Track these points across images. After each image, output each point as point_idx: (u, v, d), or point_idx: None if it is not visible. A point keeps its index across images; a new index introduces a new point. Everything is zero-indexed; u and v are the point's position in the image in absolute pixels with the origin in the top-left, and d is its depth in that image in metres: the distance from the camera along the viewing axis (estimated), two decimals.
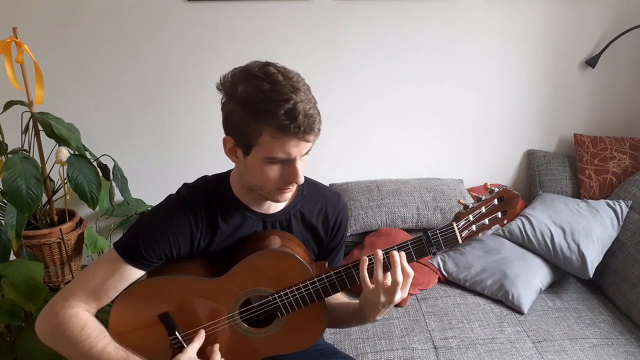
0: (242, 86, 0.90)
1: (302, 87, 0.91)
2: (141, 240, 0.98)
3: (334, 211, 1.14)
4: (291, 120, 0.87)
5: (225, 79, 0.94)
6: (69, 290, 0.99)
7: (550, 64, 2.15)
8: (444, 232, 0.97)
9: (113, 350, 0.95)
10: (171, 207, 1.02)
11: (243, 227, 1.06)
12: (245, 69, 0.93)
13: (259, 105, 0.88)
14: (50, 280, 1.82)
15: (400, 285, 0.95)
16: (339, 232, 1.17)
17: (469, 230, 0.98)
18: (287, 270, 1.01)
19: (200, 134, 2.10)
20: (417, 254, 0.99)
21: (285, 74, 0.91)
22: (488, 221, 0.99)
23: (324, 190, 1.16)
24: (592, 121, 2.24)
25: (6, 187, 1.51)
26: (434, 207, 2.03)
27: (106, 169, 1.82)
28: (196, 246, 1.03)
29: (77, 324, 0.95)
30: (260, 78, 0.89)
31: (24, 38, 1.63)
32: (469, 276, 1.82)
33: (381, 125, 2.18)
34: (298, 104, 0.88)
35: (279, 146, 0.90)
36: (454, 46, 2.09)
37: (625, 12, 2.07)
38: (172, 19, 1.96)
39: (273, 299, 1.02)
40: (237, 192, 1.05)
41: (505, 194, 0.98)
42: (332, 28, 2.03)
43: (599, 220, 1.85)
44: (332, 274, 1.00)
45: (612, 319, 1.67)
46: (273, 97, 0.87)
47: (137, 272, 1.00)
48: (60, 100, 1.96)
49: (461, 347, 1.53)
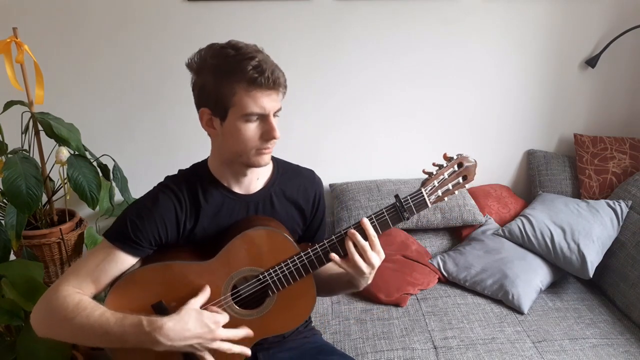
0: (210, 58, 1.00)
1: (263, 51, 1.01)
2: (129, 224, 1.02)
3: (312, 186, 1.21)
4: (259, 73, 0.96)
5: (193, 59, 1.04)
6: (61, 279, 1.02)
7: (550, 64, 2.15)
8: (414, 197, 1.06)
9: (110, 315, 0.97)
10: (155, 193, 1.09)
11: (225, 208, 1.10)
12: (210, 46, 1.03)
13: (228, 67, 0.97)
14: (50, 280, 1.81)
15: (371, 248, 1.03)
16: (319, 206, 1.23)
17: (436, 195, 1.08)
18: (275, 247, 1.05)
19: (201, 134, 2.07)
20: (392, 220, 1.06)
21: (246, 44, 1.01)
22: (451, 186, 1.09)
23: (298, 168, 1.23)
24: (592, 121, 2.25)
25: (6, 187, 1.51)
26: (433, 207, 2.03)
27: (106, 169, 1.81)
28: (182, 228, 1.07)
29: (72, 301, 0.97)
30: (225, 47, 1.00)
31: (24, 38, 1.62)
32: (469, 276, 1.82)
33: (381, 125, 2.18)
34: (262, 61, 0.97)
35: (252, 100, 0.98)
36: (454, 46, 2.09)
37: (625, 12, 2.08)
38: (172, 19, 1.96)
39: (263, 277, 1.04)
40: (215, 173, 1.11)
41: (462, 159, 1.08)
42: (332, 28, 2.03)
43: (599, 220, 1.85)
44: (317, 246, 1.05)
45: (612, 319, 1.67)
46: (240, 57, 0.97)
47: (127, 258, 1.03)
48: (60, 100, 1.95)
49: (461, 347, 1.53)
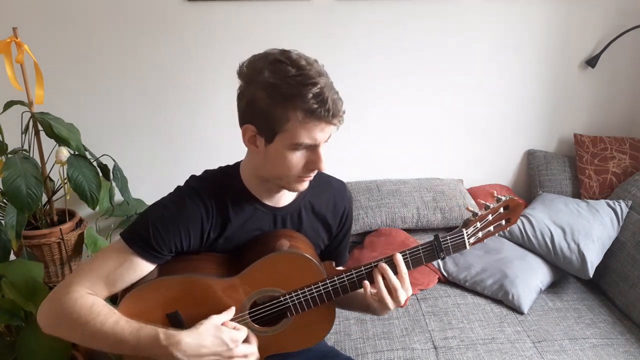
0: (267, 72, 0.88)
1: (324, 72, 0.91)
2: (151, 230, 0.94)
3: (342, 200, 1.15)
4: (320, 104, 0.86)
5: (245, 66, 0.93)
6: (73, 277, 0.95)
7: (550, 64, 2.15)
8: (453, 238, 1.00)
9: (125, 323, 0.92)
10: (182, 197, 0.99)
11: (253, 220, 1.04)
12: (266, 55, 0.91)
13: (287, 90, 0.87)
14: (50, 280, 1.81)
15: (401, 285, 0.98)
16: (347, 221, 1.17)
17: (476, 237, 1.01)
18: (300, 271, 1.01)
19: (201, 134, 2.09)
20: (426, 258, 1.01)
21: (306, 59, 0.90)
22: (493, 228, 1.02)
23: (329, 179, 1.16)
24: (592, 121, 2.25)
25: (6, 187, 1.51)
26: (434, 207, 2.03)
27: (106, 169, 1.81)
28: (206, 238, 1.01)
29: (85, 304, 0.91)
30: (285, 63, 0.88)
31: (24, 38, 1.63)
32: (469, 276, 1.82)
33: (381, 125, 2.18)
34: (325, 88, 0.87)
35: (305, 131, 0.89)
36: (454, 46, 2.09)
37: (625, 12, 2.07)
38: (172, 19, 1.96)
39: (284, 299, 1.02)
40: (247, 184, 1.03)
41: (511, 202, 1.01)
42: (332, 28, 2.03)
43: (599, 220, 1.85)
44: (343, 275, 1.01)
45: (612, 319, 1.67)
46: (301, 81, 0.86)
47: (145, 265, 0.96)
48: (60, 100, 1.95)
49: (461, 347, 1.53)
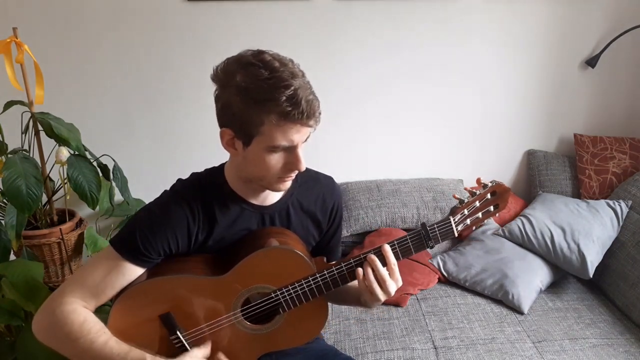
0: (240, 75, 0.89)
1: (299, 72, 0.91)
2: (138, 236, 0.96)
3: (331, 196, 1.15)
4: (294, 106, 0.86)
5: (219, 70, 0.93)
6: (66, 287, 0.97)
7: (550, 64, 2.15)
8: (441, 226, 0.99)
9: (115, 344, 0.94)
10: (167, 202, 1.00)
11: (240, 220, 1.05)
12: (239, 58, 0.92)
13: (259, 94, 0.87)
14: (50, 280, 1.81)
15: (390, 276, 0.98)
16: (337, 217, 1.17)
17: (464, 224, 1.00)
18: (289, 266, 1.01)
19: (201, 134, 2.10)
20: (415, 248, 1.00)
21: (280, 60, 0.90)
22: (481, 214, 1.01)
23: (317, 175, 1.16)
24: (592, 121, 2.24)
25: (6, 187, 1.51)
26: (434, 207, 2.03)
27: (106, 169, 1.81)
28: (194, 240, 1.02)
29: (77, 320, 0.94)
30: (257, 66, 0.88)
31: (24, 38, 1.62)
32: (469, 276, 1.82)
33: (381, 125, 2.18)
34: (299, 90, 0.87)
35: (281, 133, 0.89)
36: (454, 46, 2.09)
37: (625, 12, 2.07)
38: (172, 19, 1.96)
39: (275, 295, 1.02)
40: (232, 184, 1.04)
41: (497, 188, 1.01)
42: (332, 28, 2.03)
43: (599, 220, 1.85)
44: (333, 269, 1.00)
45: (612, 319, 1.67)
46: (274, 84, 0.86)
47: (135, 269, 0.98)
48: (60, 100, 1.95)
49: (461, 347, 1.53)
